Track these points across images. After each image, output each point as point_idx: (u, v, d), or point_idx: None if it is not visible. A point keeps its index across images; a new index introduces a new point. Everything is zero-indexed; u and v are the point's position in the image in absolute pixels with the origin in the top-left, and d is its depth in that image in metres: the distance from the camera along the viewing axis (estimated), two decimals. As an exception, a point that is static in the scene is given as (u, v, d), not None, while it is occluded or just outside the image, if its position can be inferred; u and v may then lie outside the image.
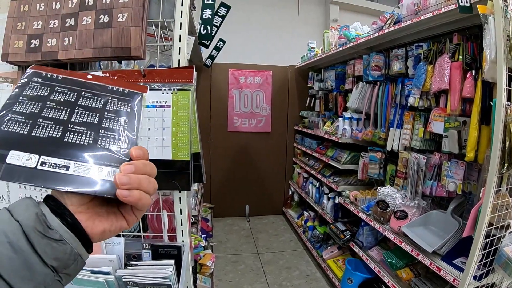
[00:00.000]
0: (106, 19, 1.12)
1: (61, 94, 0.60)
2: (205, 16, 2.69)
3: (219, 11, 3.19)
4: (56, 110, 0.58)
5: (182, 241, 1.26)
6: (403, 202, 2.39)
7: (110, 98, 0.64)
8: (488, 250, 1.63)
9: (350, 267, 2.85)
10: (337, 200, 3.33)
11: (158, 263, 1.13)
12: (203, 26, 2.68)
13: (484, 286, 1.73)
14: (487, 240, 1.61)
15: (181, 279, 1.14)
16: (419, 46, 2.34)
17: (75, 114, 0.59)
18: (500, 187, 1.61)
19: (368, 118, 3.09)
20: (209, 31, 2.72)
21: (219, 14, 3.18)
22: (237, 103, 4.96)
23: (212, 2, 2.70)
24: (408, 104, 2.36)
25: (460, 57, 1.92)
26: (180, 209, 1.24)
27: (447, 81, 1.95)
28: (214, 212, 4.82)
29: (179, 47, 1.20)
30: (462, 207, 2.18)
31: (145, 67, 1.14)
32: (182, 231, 1.26)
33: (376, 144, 2.90)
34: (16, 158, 0.50)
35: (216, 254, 3.35)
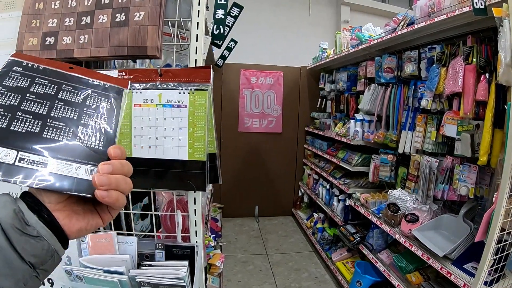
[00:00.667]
0: (123, 18, 1.13)
1: (41, 86, 0.59)
2: (217, 16, 2.71)
3: (231, 11, 3.21)
4: (36, 104, 0.57)
5: (195, 241, 1.25)
6: (414, 206, 2.36)
7: (91, 93, 0.63)
8: (499, 255, 1.61)
9: (359, 269, 2.83)
10: (347, 202, 3.31)
11: (172, 264, 1.13)
12: (215, 26, 2.70)
13: (494, 292, 1.70)
14: (499, 245, 1.59)
15: (194, 280, 1.13)
16: (432, 48, 2.32)
17: (54, 108, 0.58)
18: (512, 192, 1.59)
19: (379, 120, 3.07)
20: (221, 31, 2.74)
21: (231, 14, 3.20)
22: (248, 103, 4.97)
23: (225, 2, 2.72)
24: (421, 107, 2.34)
25: (474, 60, 1.89)
26: (195, 209, 1.23)
27: (460, 84, 1.93)
28: (223, 212, 4.84)
29: (196, 47, 1.19)
30: (473, 212, 2.15)
31: (161, 67, 1.14)
32: (196, 231, 1.25)
33: (387, 146, 2.88)
34: None
35: (225, 254, 3.36)
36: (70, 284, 1.12)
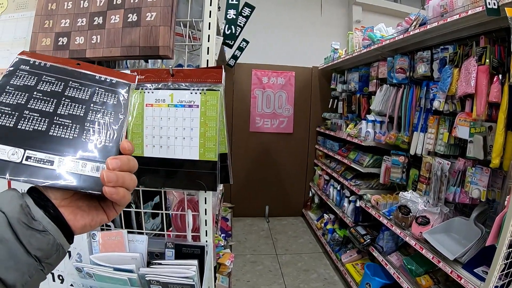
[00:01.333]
0: (135, 18, 1.13)
1: (48, 84, 0.59)
2: (229, 16, 2.73)
3: (243, 11, 3.22)
4: (43, 102, 0.57)
5: (205, 241, 1.25)
6: (425, 208, 2.34)
7: (97, 89, 0.63)
8: (511, 260, 1.58)
9: (369, 271, 2.81)
10: (358, 203, 3.29)
11: (182, 263, 1.13)
12: (227, 26, 2.72)
13: (506, 297, 1.67)
14: (510, 249, 1.56)
15: (204, 280, 1.13)
16: (445, 49, 2.29)
17: (61, 105, 0.58)
18: (526, 196, 1.56)
19: (391, 121, 3.04)
20: (233, 31, 2.75)
21: (243, 14, 3.22)
22: (259, 103, 4.98)
23: (237, 2, 2.74)
24: (433, 108, 2.31)
25: (487, 60, 1.86)
26: (205, 209, 1.23)
27: (473, 85, 1.90)
28: (233, 212, 4.86)
29: (208, 47, 1.19)
30: (485, 215, 2.12)
31: (173, 67, 1.14)
32: (206, 231, 1.25)
33: (399, 148, 2.85)
34: (2, 152, 0.50)
35: (234, 253, 3.38)
36: (80, 281, 1.13)
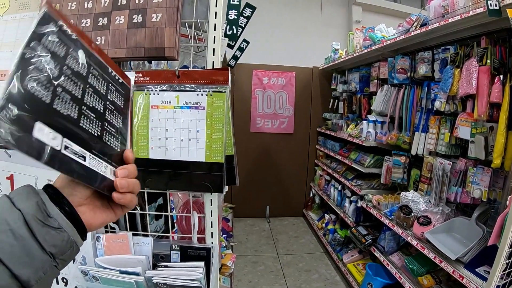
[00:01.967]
0: (140, 19, 1.12)
1: (74, 61, 0.53)
2: (230, 16, 2.73)
3: (244, 11, 3.22)
4: (71, 82, 0.51)
5: (211, 243, 1.24)
6: (427, 208, 2.34)
7: (110, 85, 0.61)
8: (513, 259, 1.59)
9: (370, 271, 2.82)
10: (359, 203, 3.30)
11: (188, 265, 1.12)
12: (228, 26, 2.72)
13: (507, 296, 1.68)
14: (512, 249, 1.57)
15: (211, 282, 1.13)
16: (446, 49, 2.29)
17: (86, 94, 0.54)
18: (527, 196, 1.57)
19: (392, 121, 3.05)
20: (234, 32, 2.76)
21: (244, 14, 3.22)
22: (260, 103, 4.99)
23: (238, 3, 2.74)
24: (434, 108, 2.32)
25: (488, 61, 1.87)
26: (211, 211, 1.23)
27: (474, 85, 1.91)
28: (234, 212, 4.85)
29: (213, 48, 1.18)
30: (486, 215, 2.13)
31: (178, 68, 1.14)
32: (212, 233, 1.25)
33: (400, 148, 2.86)
34: (41, 133, 0.44)
35: (236, 254, 3.38)
36: (86, 284, 1.12)
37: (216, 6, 1.20)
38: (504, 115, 1.79)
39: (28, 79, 0.43)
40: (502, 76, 1.82)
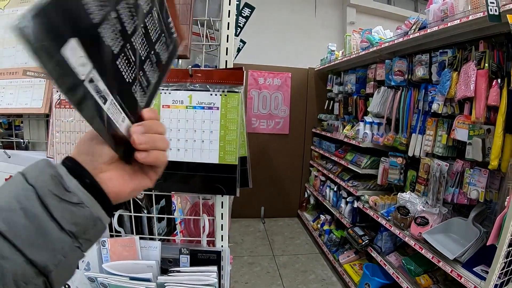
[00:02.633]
0: None
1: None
2: (229, 16, 2.73)
3: (243, 11, 3.22)
4: (128, 13, 0.44)
5: (221, 246, 1.22)
6: (424, 209, 2.38)
7: (163, 35, 0.54)
8: (510, 259, 1.62)
9: (368, 272, 2.85)
10: (355, 204, 3.33)
11: (201, 270, 1.08)
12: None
13: (504, 295, 1.72)
14: (510, 248, 1.60)
15: (224, 286, 1.11)
16: (444, 53, 2.33)
17: (137, 32, 0.47)
18: (524, 196, 1.60)
19: (389, 123, 3.09)
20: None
21: (242, 14, 3.22)
22: (255, 104, 4.99)
23: (237, 3, 2.74)
24: (432, 110, 2.35)
25: (486, 65, 1.91)
26: (222, 213, 1.20)
27: (472, 88, 1.95)
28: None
29: (227, 48, 1.16)
30: (483, 215, 2.17)
31: (191, 67, 1.11)
32: (222, 236, 1.22)
33: (397, 149, 2.89)
34: (72, 53, 0.35)
35: (232, 255, 3.37)
36: (92, 292, 1.07)
37: (229, 5, 1.18)
38: (502, 117, 1.83)
39: None
40: (499, 80, 1.86)
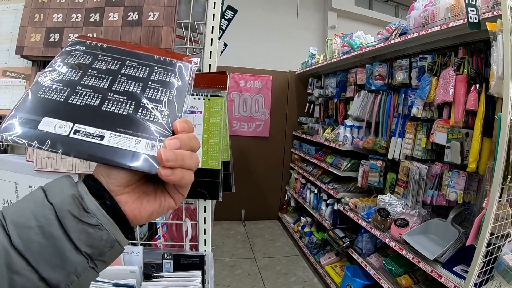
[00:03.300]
0: (135, 17, 1.06)
1: (104, 62, 0.57)
2: (212, 19, 2.71)
3: (225, 14, 3.21)
4: (97, 79, 0.54)
5: (204, 250, 1.21)
6: (404, 210, 2.43)
7: (156, 68, 0.59)
8: (488, 258, 1.68)
9: (349, 273, 2.87)
10: (336, 206, 3.36)
11: (185, 275, 1.08)
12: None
13: (483, 293, 1.77)
14: (488, 248, 1.66)
15: None
16: (424, 58, 2.39)
17: (116, 82, 0.54)
18: (500, 198, 1.66)
19: (369, 126, 3.14)
20: (215, 35, 2.74)
21: (225, 17, 3.20)
22: (236, 106, 4.98)
23: (220, 5, 2.73)
24: (411, 114, 2.41)
25: (465, 70, 1.97)
26: (204, 217, 1.19)
27: (451, 93, 2.01)
28: (210, 215, 4.80)
29: (211, 51, 1.15)
30: (461, 216, 2.23)
31: None
32: (205, 240, 1.21)
33: (377, 152, 2.94)
34: (48, 125, 0.46)
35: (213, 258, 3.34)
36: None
37: (214, 8, 1.17)
38: (480, 122, 1.89)
39: (42, 89, 0.50)
40: (478, 85, 1.92)
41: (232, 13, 3.22)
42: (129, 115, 0.51)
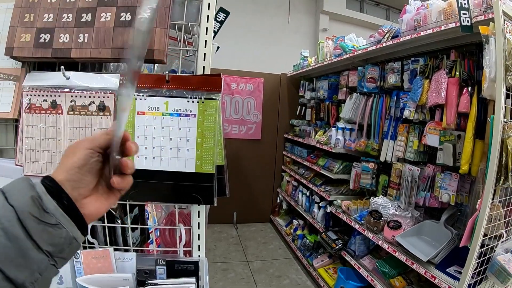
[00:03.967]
0: (128, 17, 1.04)
1: None
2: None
3: (217, 16, 3.19)
4: None
5: (198, 256, 1.19)
6: (396, 212, 2.44)
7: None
8: (481, 259, 1.69)
9: (342, 275, 2.87)
10: (328, 209, 3.36)
11: (179, 282, 1.06)
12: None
13: (476, 294, 1.78)
14: (481, 249, 1.67)
15: None
16: (416, 61, 2.41)
17: None
18: (493, 199, 1.68)
19: (361, 129, 3.15)
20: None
21: (217, 19, 3.19)
22: (228, 109, 4.95)
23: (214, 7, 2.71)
24: (403, 117, 2.42)
25: (457, 73, 1.99)
26: (198, 223, 1.17)
27: (443, 96, 2.02)
28: (202, 219, 4.75)
29: (205, 53, 1.13)
30: (454, 218, 2.25)
31: (167, 73, 1.07)
32: (199, 245, 1.19)
33: (369, 155, 2.95)
34: None
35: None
36: (67, 308, 1.02)
37: (208, 9, 1.16)
38: (472, 124, 1.91)
39: None
40: (470, 88, 1.94)
41: (225, 15, 3.19)
42: None
